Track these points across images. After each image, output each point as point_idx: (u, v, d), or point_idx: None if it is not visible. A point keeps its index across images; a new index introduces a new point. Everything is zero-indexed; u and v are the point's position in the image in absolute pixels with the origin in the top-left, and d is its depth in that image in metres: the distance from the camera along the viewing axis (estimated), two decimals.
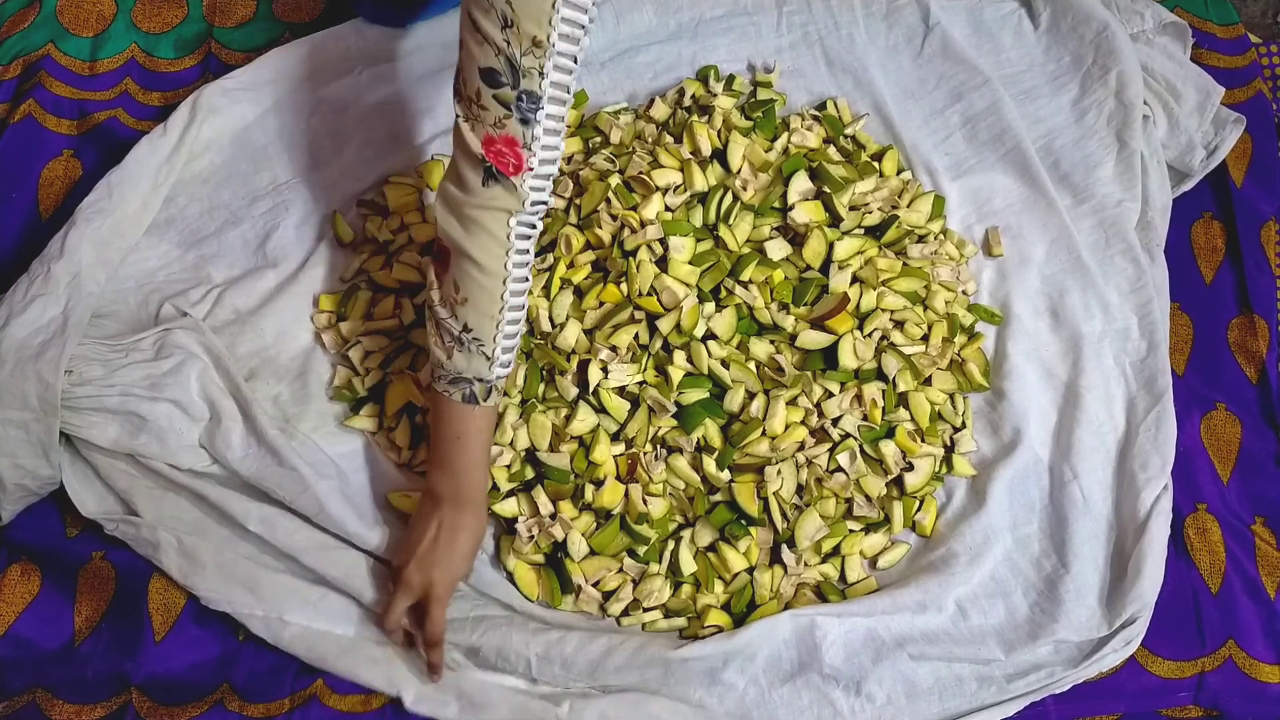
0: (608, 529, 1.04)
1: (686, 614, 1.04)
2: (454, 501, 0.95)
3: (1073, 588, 1.02)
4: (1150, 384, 1.12)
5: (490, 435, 0.98)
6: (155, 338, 1.08)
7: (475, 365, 0.93)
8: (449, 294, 0.92)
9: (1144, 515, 1.05)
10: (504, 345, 0.93)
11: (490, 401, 0.95)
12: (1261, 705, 1.02)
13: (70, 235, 1.11)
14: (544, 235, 1.16)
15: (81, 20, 1.35)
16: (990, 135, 1.27)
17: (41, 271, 1.07)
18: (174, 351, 1.07)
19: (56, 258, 1.09)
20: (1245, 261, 1.22)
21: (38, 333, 1.04)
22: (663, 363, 1.09)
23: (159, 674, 1.00)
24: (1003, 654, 1.00)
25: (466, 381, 0.93)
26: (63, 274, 1.08)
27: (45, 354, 1.02)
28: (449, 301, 0.92)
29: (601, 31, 1.33)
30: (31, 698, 1.00)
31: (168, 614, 1.02)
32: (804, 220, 1.15)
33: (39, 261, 1.09)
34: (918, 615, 1.01)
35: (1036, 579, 1.05)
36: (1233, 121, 1.26)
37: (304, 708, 0.99)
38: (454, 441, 0.95)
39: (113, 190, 1.15)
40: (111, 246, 1.14)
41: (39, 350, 1.02)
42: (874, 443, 1.08)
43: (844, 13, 1.34)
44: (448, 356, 0.93)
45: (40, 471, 1.02)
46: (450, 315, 0.92)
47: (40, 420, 1.01)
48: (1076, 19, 1.30)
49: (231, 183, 1.24)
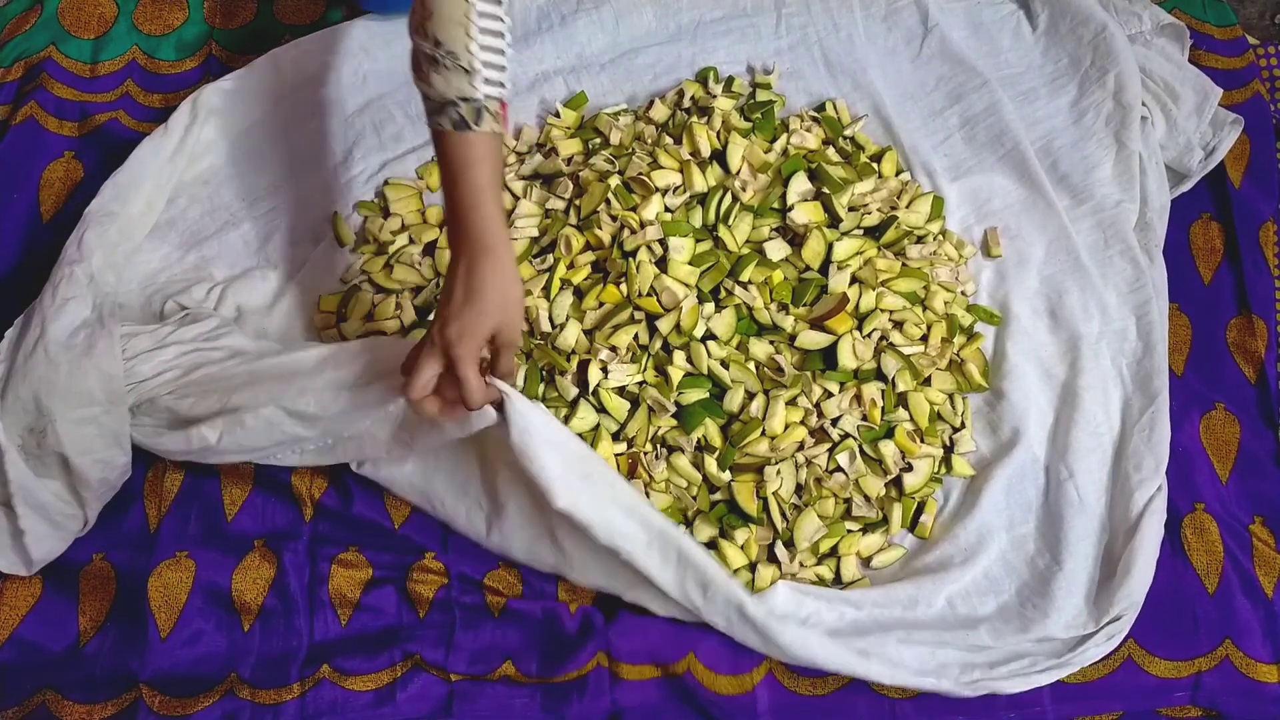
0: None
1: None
2: (468, 252, 0.89)
3: (1064, 585, 1.03)
4: (1145, 385, 1.12)
5: (494, 169, 0.89)
6: (179, 318, 1.10)
7: (455, 83, 0.87)
8: (417, 16, 0.88)
9: (1136, 515, 1.05)
10: (483, 58, 0.87)
11: (484, 126, 0.88)
12: (1259, 705, 1.02)
13: (86, 237, 1.11)
14: (544, 236, 1.17)
15: (83, 22, 1.36)
16: (989, 136, 1.27)
17: (65, 274, 1.07)
18: (210, 318, 1.09)
19: (77, 260, 1.09)
20: (1244, 262, 1.23)
21: (78, 331, 1.03)
22: (663, 363, 1.09)
23: (166, 669, 1.01)
24: (991, 641, 1.00)
25: (452, 105, 0.87)
26: (83, 275, 1.08)
27: (96, 347, 1.01)
28: (419, 24, 0.88)
29: (601, 33, 1.34)
30: (41, 700, 1.01)
31: (170, 611, 1.03)
32: (803, 221, 1.15)
33: (59, 266, 1.09)
34: (908, 610, 1.02)
35: (1030, 577, 1.05)
36: (1230, 122, 1.27)
37: (315, 689, 1.00)
38: (455, 182, 0.89)
39: (119, 192, 1.15)
40: (118, 249, 1.14)
41: (87, 346, 1.02)
42: (873, 443, 1.09)
43: (843, 14, 1.35)
44: (430, 84, 0.88)
45: (116, 461, 1.03)
46: (422, 37, 0.88)
47: (109, 411, 1.01)
48: (1075, 20, 1.31)
49: (232, 184, 1.24)
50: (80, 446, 1.00)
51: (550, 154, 1.24)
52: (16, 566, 1.02)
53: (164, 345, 1.05)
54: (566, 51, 1.33)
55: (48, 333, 1.02)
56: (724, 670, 1.01)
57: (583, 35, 1.33)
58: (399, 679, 1.01)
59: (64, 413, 0.99)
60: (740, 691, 1.01)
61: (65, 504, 1.03)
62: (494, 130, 0.89)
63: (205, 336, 1.07)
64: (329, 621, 1.04)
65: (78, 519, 1.04)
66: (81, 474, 1.01)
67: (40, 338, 1.02)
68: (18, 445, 1.00)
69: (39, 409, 0.99)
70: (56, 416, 0.99)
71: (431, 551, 1.07)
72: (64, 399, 0.99)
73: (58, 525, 1.02)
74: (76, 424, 1.00)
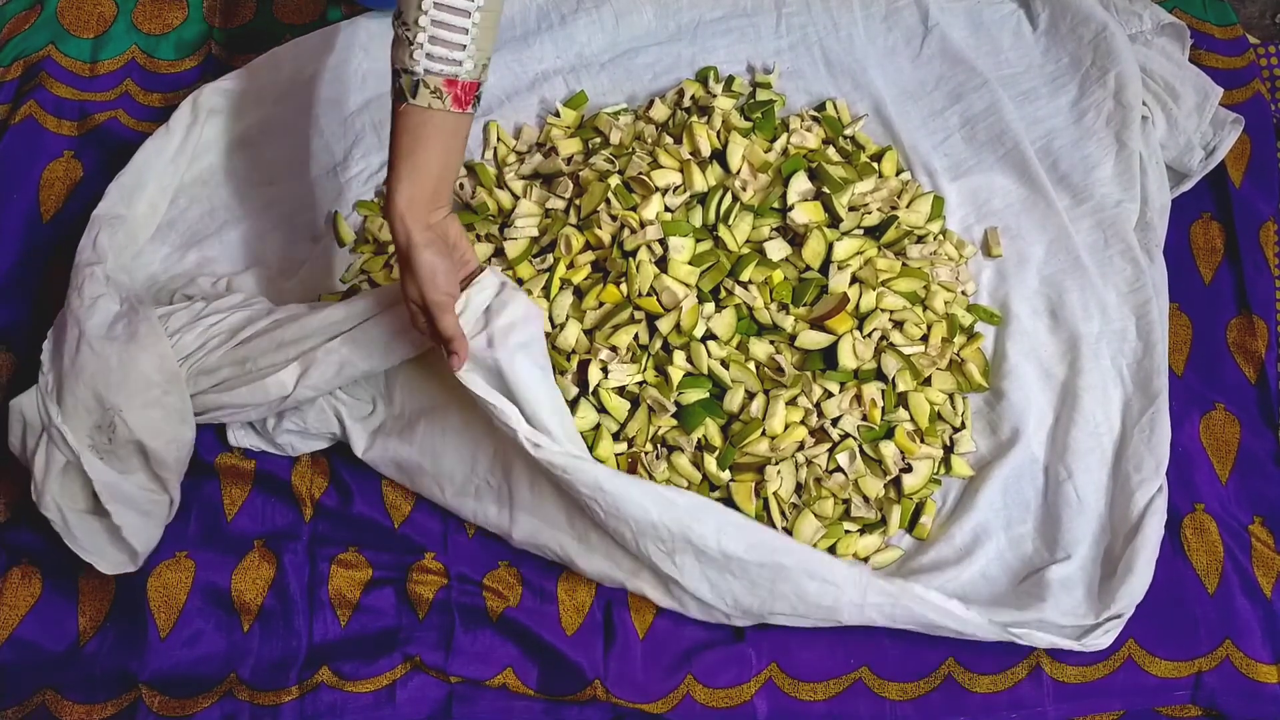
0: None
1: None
2: (390, 214, 0.90)
3: (1062, 581, 1.03)
4: (1145, 385, 1.12)
5: (427, 144, 0.89)
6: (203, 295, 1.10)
7: (399, 54, 0.87)
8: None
9: (1137, 516, 1.05)
10: (431, 32, 0.86)
11: (418, 100, 0.87)
12: (1259, 705, 1.02)
13: (100, 239, 1.11)
14: (544, 236, 1.17)
15: (82, 22, 1.36)
16: (989, 136, 1.27)
17: (87, 275, 1.06)
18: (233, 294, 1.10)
19: (95, 262, 1.08)
20: (1244, 262, 1.23)
21: (115, 324, 1.03)
22: (663, 363, 1.09)
23: (166, 670, 1.01)
24: (985, 621, 1.00)
25: (395, 74, 0.88)
26: (102, 275, 1.08)
27: (139, 332, 1.01)
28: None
29: (601, 33, 1.34)
30: (41, 700, 1.01)
31: (170, 611, 1.03)
32: (803, 221, 1.15)
33: (77, 270, 1.08)
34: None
35: (1026, 574, 1.05)
36: (1231, 122, 1.27)
37: (313, 694, 1.00)
38: (390, 146, 0.90)
39: (124, 194, 1.15)
40: (125, 251, 1.15)
41: (129, 334, 1.01)
42: (873, 443, 1.09)
43: (843, 14, 1.34)
44: (392, 53, 0.89)
45: (185, 436, 1.03)
46: (394, 11, 0.88)
47: (168, 390, 1.01)
48: (1075, 20, 1.31)
49: (231, 184, 1.24)
50: (152, 430, 1.00)
51: (550, 153, 1.24)
52: (123, 564, 1.01)
53: (202, 317, 1.05)
54: (566, 51, 1.33)
55: (86, 331, 1.01)
56: (721, 684, 1.01)
57: (582, 35, 1.33)
58: (398, 680, 1.01)
59: (128, 401, 0.99)
60: (738, 703, 1.01)
61: (150, 491, 1.02)
62: (431, 106, 0.88)
63: (239, 305, 1.07)
64: (328, 622, 1.04)
65: (163, 503, 1.03)
66: (159, 457, 1.01)
67: (80, 337, 1.01)
68: (89, 446, 0.99)
69: (101, 404, 0.99)
70: (122, 406, 0.99)
71: (431, 551, 1.07)
72: (123, 388, 0.99)
73: (147, 513, 1.02)
74: (143, 409, 1.00)
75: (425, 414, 1.06)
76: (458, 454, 1.04)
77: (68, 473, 0.99)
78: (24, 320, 1.19)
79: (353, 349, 1.01)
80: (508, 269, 1.14)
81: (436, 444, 1.05)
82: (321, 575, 1.05)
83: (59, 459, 0.99)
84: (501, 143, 1.27)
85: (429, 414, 1.06)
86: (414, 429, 1.06)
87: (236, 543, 1.07)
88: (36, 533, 1.06)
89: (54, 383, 1.01)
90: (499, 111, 1.28)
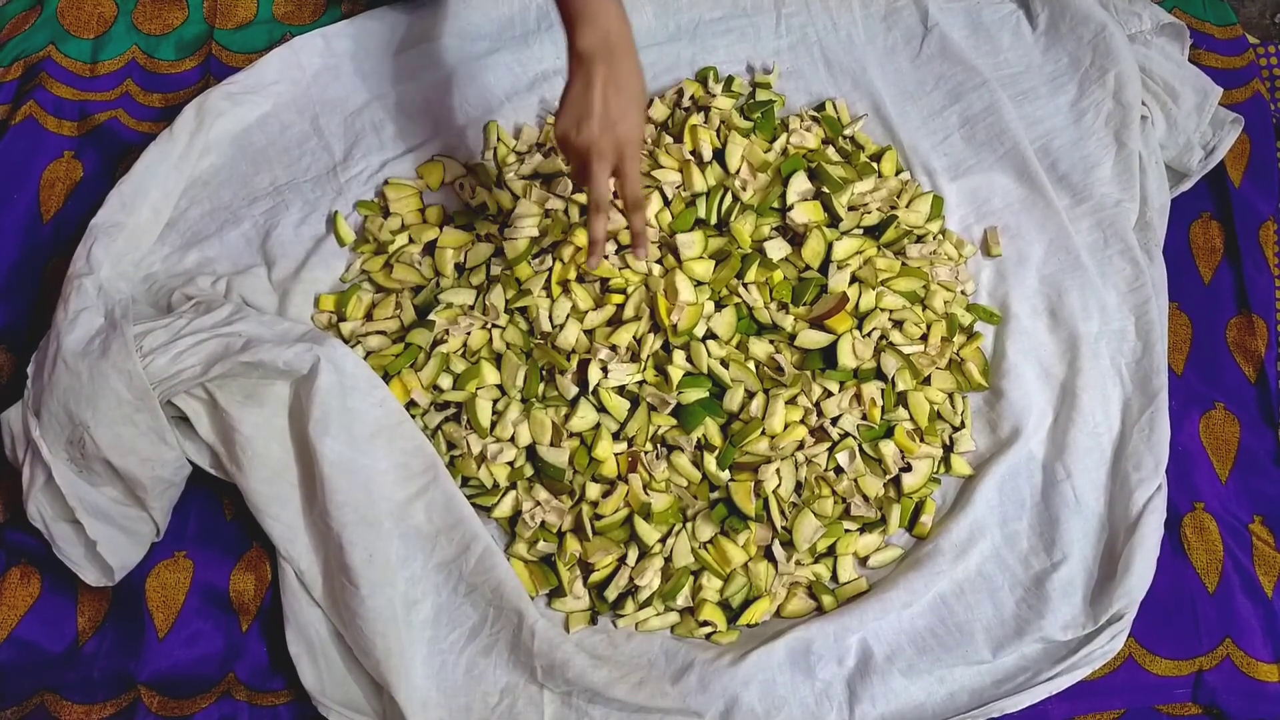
0: (610, 519, 1.05)
1: (683, 604, 1.04)
2: (605, 55, 0.89)
3: (1061, 585, 1.03)
4: (1145, 384, 1.12)
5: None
6: (190, 307, 1.09)
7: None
8: None
9: (1136, 515, 1.05)
10: None
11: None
12: (1260, 704, 1.02)
13: (94, 250, 1.11)
14: (544, 236, 1.17)
15: (82, 22, 1.36)
16: (989, 136, 1.27)
17: (74, 287, 1.07)
18: (223, 305, 1.09)
19: (85, 273, 1.09)
20: (1244, 261, 1.23)
21: (93, 338, 1.03)
22: (663, 362, 1.09)
23: (165, 670, 1.01)
24: (990, 654, 1.01)
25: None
26: (91, 287, 1.08)
27: (110, 348, 1.01)
28: None
29: None
30: (40, 700, 1.01)
31: (168, 611, 1.03)
32: (803, 220, 1.15)
33: (67, 280, 1.09)
34: (904, 612, 1.02)
35: (1024, 576, 1.05)
36: (1230, 122, 1.27)
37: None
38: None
39: (125, 202, 1.15)
40: (126, 258, 1.14)
41: (102, 350, 1.01)
42: (873, 442, 1.09)
43: (842, 14, 1.34)
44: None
45: (164, 457, 1.02)
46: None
47: (140, 408, 1.00)
48: (1074, 20, 1.31)
49: (232, 184, 1.24)
50: (122, 448, 1.00)
51: (550, 154, 1.24)
52: (99, 578, 1.02)
53: (179, 337, 1.04)
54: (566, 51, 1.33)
55: (63, 345, 1.02)
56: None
57: None
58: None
59: (96, 417, 0.99)
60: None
61: (127, 508, 1.02)
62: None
63: (221, 323, 1.06)
64: None
65: (144, 521, 1.03)
66: (131, 475, 1.00)
67: (57, 351, 1.02)
68: (64, 460, 1.00)
69: (71, 419, 0.99)
70: (90, 423, 0.99)
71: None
72: (92, 404, 0.99)
73: (128, 531, 1.02)
74: (112, 426, 0.99)
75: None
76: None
77: (50, 484, 0.99)
78: (24, 321, 1.19)
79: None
80: (508, 269, 1.14)
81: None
82: None
83: (41, 470, 0.99)
84: (501, 143, 1.27)
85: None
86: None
87: (235, 542, 1.07)
88: (35, 533, 1.05)
89: (35, 396, 1.02)
90: (499, 111, 1.28)
